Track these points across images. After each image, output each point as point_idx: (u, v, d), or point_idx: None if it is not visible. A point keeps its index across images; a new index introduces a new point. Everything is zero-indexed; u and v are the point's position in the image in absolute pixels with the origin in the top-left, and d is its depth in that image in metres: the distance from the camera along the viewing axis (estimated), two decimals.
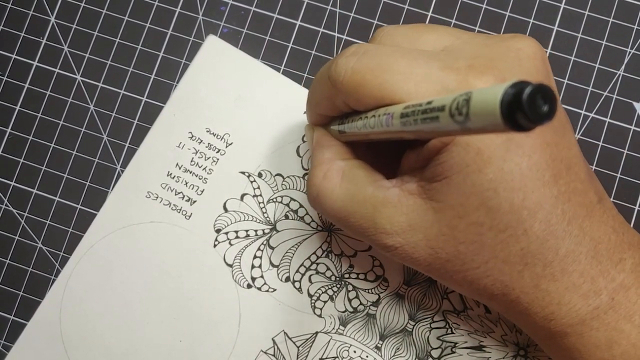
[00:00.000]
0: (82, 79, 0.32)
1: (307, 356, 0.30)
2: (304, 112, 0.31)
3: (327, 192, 0.24)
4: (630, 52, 0.31)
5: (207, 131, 0.31)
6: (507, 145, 0.20)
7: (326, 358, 0.30)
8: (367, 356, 0.30)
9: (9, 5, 0.33)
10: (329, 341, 0.30)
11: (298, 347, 0.30)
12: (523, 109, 0.13)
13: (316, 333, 0.30)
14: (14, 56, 0.33)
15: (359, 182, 0.23)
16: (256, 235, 0.30)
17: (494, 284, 0.22)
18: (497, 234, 0.21)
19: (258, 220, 0.31)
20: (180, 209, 0.31)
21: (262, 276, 0.30)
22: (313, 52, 0.32)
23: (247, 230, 0.31)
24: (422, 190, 0.22)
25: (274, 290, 0.30)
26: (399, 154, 0.24)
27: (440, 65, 0.21)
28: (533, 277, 0.21)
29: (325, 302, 0.30)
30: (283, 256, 0.30)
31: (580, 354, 0.22)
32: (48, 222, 0.32)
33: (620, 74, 0.31)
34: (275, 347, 0.30)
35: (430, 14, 0.32)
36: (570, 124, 0.23)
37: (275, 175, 0.31)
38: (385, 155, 0.26)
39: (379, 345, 0.30)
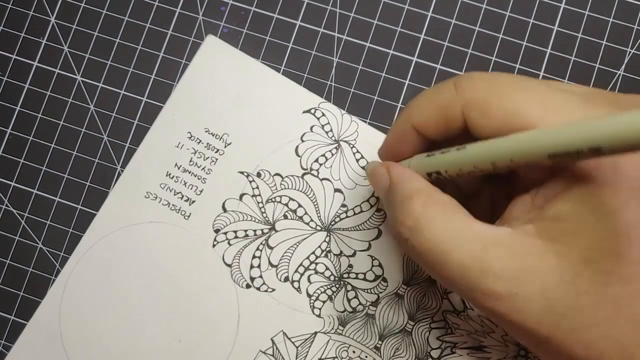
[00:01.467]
0: (82, 79, 0.32)
1: (306, 356, 0.30)
2: (303, 112, 0.31)
3: (427, 223, 0.21)
4: (630, 52, 0.31)
5: (206, 131, 0.31)
6: None
7: (325, 358, 0.30)
8: (366, 356, 0.30)
9: (9, 6, 0.33)
10: (328, 341, 0.30)
11: (297, 347, 0.30)
12: None
13: (315, 333, 0.30)
14: (14, 56, 0.33)
15: (464, 217, 0.21)
16: (255, 235, 0.30)
17: (614, 348, 0.19)
18: (625, 285, 0.18)
19: (257, 220, 0.31)
20: (179, 209, 0.31)
21: (261, 276, 0.30)
22: (313, 52, 0.32)
23: (246, 230, 0.31)
24: (542, 231, 0.19)
25: (273, 290, 0.30)
26: (490, 205, 0.23)
27: (580, 98, 0.19)
28: None
29: (324, 302, 0.30)
30: (282, 256, 0.30)
31: None
32: (48, 222, 0.32)
33: (620, 74, 0.31)
34: (274, 347, 0.30)
35: (430, 14, 0.32)
36: None
37: (274, 175, 0.31)
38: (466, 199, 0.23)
39: (378, 346, 0.30)
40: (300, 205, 0.31)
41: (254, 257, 0.30)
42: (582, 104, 0.19)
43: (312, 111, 0.31)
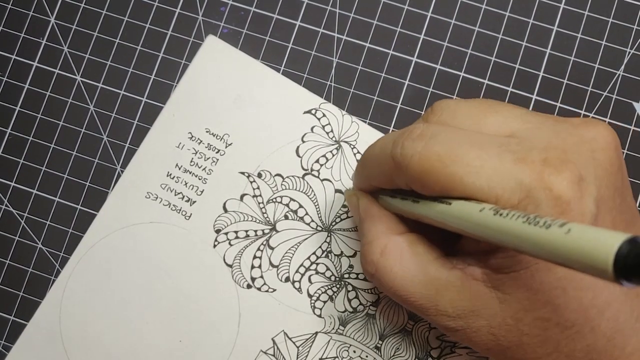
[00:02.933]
0: (82, 79, 0.32)
1: (306, 356, 0.30)
2: (304, 112, 0.31)
3: (386, 271, 0.23)
4: (629, 52, 0.31)
5: (207, 131, 0.31)
6: None
7: (326, 358, 0.30)
8: (366, 356, 0.30)
9: (9, 6, 0.33)
10: (329, 341, 0.30)
11: (298, 347, 0.30)
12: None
13: (316, 333, 0.30)
14: (13, 57, 0.33)
15: (419, 261, 0.23)
16: (256, 235, 0.31)
17: None
18: (563, 330, 0.20)
19: (258, 221, 0.31)
20: (180, 210, 0.31)
21: (261, 276, 0.30)
22: (313, 52, 0.32)
23: (246, 231, 0.31)
24: (487, 279, 0.21)
25: (274, 290, 0.30)
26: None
27: (512, 157, 0.20)
28: None
29: (325, 302, 0.30)
30: (283, 256, 0.30)
31: None
32: (48, 222, 0.32)
33: (619, 74, 0.31)
34: (275, 347, 0.30)
35: (430, 14, 0.32)
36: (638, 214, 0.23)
37: (275, 175, 0.31)
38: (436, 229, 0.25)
39: (379, 345, 0.30)
40: (301, 206, 0.31)
41: (254, 257, 0.30)
42: (515, 168, 0.20)
43: (313, 112, 0.31)
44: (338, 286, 0.30)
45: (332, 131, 0.31)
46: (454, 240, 0.23)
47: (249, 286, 0.30)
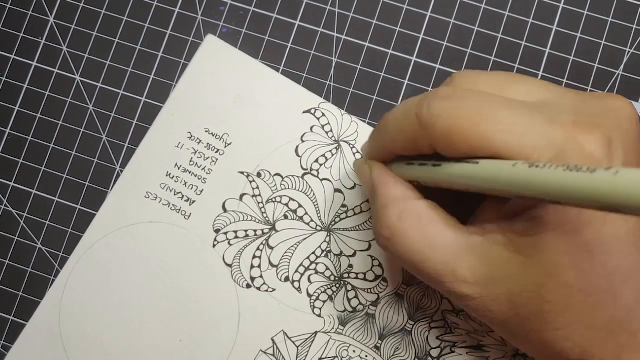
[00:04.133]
0: (81, 79, 0.32)
1: (306, 356, 0.30)
2: (303, 112, 0.31)
3: (403, 235, 0.22)
4: (629, 52, 0.31)
5: (206, 131, 0.31)
6: None
7: (325, 358, 0.30)
8: (366, 356, 0.30)
9: (8, 6, 0.33)
10: (329, 341, 0.30)
11: (297, 347, 0.30)
12: None
13: (315, 333, 0.30)
14: (12, 56, 0.33)
15: (438, 226, 0.22)
16: (255, 235, 0.31)
17: (573, 348, 0.20)
18: (586, 297, 0.20)
19: (257, 220, 0.31)
20: (180, 209, 0.31)
21: (261, 276, 0.30)
22: (312, 52, 0.32)
23: (246, 230, 0.31)
24: (509, 243, 0.21)
25: (274, 290, 0.30)
26: (465, 196, 0.23)
27: (543, 118, 0.20)
28: (616, 347, 0.20)
29: (324, 302, 0.30)
30: (282, 256, 0.30)
31: None
32: (47, 222, 0.32)
33: (619, 74, 0.31)
34: (275, 346, 0.30)
35: (429, 14, 0.32)
36: None
37: (275, 175, 0.31)
38: (451, 196, 0.24)
39: (378, 345, 0.30)
40: (300, 206, 0.31)
41: (254, 257, 0.30)
42: (546, 127, 0.20)
43: (312, 111, 0.31)
44: (338, 286, 0.30)
45: (331, 131, 0.31)
46: (466, 211, 0.23)
47: (248, 286, 0.30)
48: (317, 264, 0.30)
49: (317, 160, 0.31)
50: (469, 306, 0.22)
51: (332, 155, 0.31)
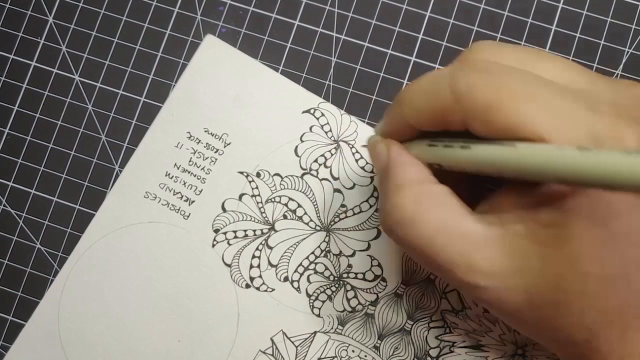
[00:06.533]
0: (80, 79, 0.32)
1: (305, 356, 0.30)
2: (303, 112, 0.31)
3: (417, 219, 0.21)
4: (628, 52, 0.31)
5: (206, 131, 0.31)
6: (634, 200, 0.19)
7: (325, 358, 0.30)
8: (365, 356, 0.30)
9: (7, 5, 0.33)
10: (328, 341, 0.30)
11: (296, 347, 0.30)
12: None
13: (315, 333, 0.30)
14: (11, 56, 0.33)
15: (455, 213, 0.21)
16: (254, 235, 0.30)
17: (582, 331, 0.20)
18: (603, 285, 0.19)
19: (256, 220, 0.31)
20: (179, 209, 0.31)
21: (260, 276, 0.30)
22: (311, 52, 0.32)
23: (245, 230, 0.31)
24: (532, 235, 0.20)
25: (273, 290, 0.30)
26: (474, 181, 0.23)
27: (586, 105, 0.19)
28: (622, 327, 0.20)
29: (323, 301, 0.30)
30: (281, 256, 0.30)
31: None
32: (46, 222, 0.32)
33: (618, 74, 0.31)
34: (274, 346, 0.30)
35: (428, 13, 0.32)
36: None
37: (274, 175, 0.31)
38: (460, 180, 0.23)
39: (378, 345, 0.30)
40: (299, 205, 0.31)
41: (253, 257, 0.30)
42: (588, 116, 0.19)
43: (312, 111, 0.31)
44: (337, 286, 0.30)
45: (330, 131, 0.31)
46: (472, 196, 0.22)
47: (247, 286, 0.30)
48: (316, 263, 0.30)
49: (316, 160, 0.31)
50: (480, 297, 0.21)
51: (332, 155, 0.31)
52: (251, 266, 0.30)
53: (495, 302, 0.21)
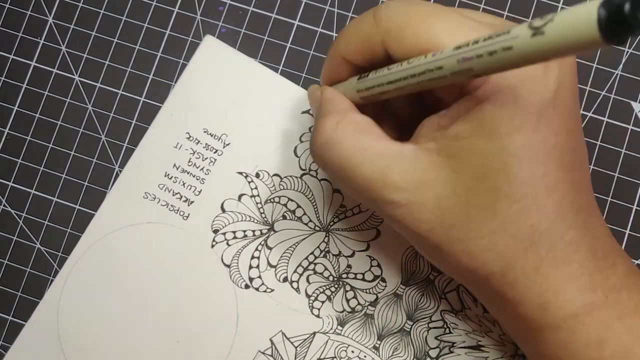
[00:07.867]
0: (80, 79, 0.32)
1: (305, 356, 0.30)
2: (302, 112, 0.31)
3: (337, 140, 0.23)
4: (628, 52, 0.31)
5: (205, 132, 0.31)
6: (539, 117, 0.20)
7: (324, 358, 0.30)
8: (365, 356, 0.30)
9: (7, 6, 0.33)
10: (327, 341, 0.30)
11: (296, 348, 0.30)
12: (625, 17, 0.13)
13: (314, 333, 0.30)
14: (11, 56, 0.33)
15: (372, 136, 0.23)
16: (254, 235, 0.31)
17: (495, 259, 0.21)
18: (512, 203, 0.20)
19: (256, 221, 0.31)
20: (178, 210, 0.31)
21: (259, 276, 0.30)
22: (311, 52, 0.32)
23: (244, 231, 0.31)
24: (442, 148, 0.21)
25: (272, 290, 0.30)
26: (408, 125, 0.24)
27: (487, 27, 0.21)
28: (536, 259, 0.21)
29: (323, 302, 0.30)
30: (281, 256, 0.30)
31: (568, 353, 0.21)
32: (46, 222, 0.32)
33: (618, 74, 0.31)
34: (273, 347, 0.30)
35: None
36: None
37: (273, 175, 0.31)
38: (392, 125, 0.26)
39: (377, 345, 0.30)
40: (299, 206, 0.31)
41: (252, 257, 0.30)
42: (492, 23, 0.21)
43: (311, 112, 0.31)
44: (336, 286, 0.30)
45: None
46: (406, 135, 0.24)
47: (246, 286, 0.30)
48: (315, 264, 0.30)
49: None
50: (396, 216, 0.22)
51: None
52: (250, 267, 0.30)
53: (408, 219, 0.22)
